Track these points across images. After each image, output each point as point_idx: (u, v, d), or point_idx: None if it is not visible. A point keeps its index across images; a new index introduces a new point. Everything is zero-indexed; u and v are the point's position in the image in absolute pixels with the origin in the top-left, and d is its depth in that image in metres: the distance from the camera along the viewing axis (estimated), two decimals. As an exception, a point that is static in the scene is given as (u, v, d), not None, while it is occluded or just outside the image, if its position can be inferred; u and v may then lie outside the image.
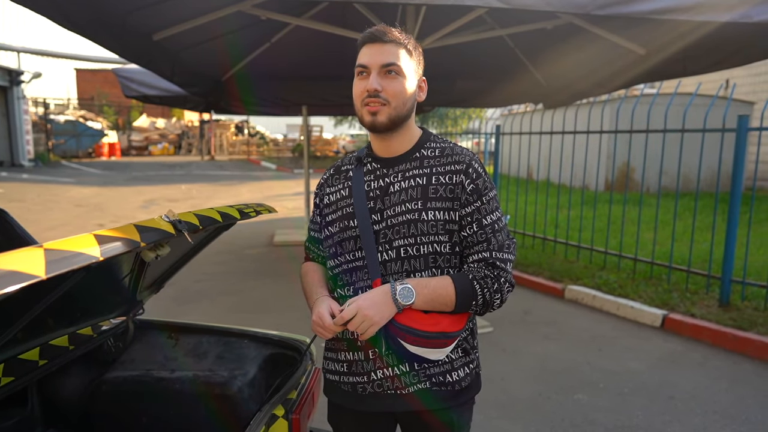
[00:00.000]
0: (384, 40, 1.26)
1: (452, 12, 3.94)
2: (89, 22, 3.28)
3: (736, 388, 3.23)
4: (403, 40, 1.28)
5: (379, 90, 1.24)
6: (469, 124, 24.09)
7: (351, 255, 1.31)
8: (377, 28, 1.28)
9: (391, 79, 1.26)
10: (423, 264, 1.27)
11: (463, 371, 1.33)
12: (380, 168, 1.34)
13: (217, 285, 5.38)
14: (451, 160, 1.32)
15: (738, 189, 4.18)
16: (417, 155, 1.34)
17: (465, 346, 1.34)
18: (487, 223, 1.29)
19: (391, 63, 1.25)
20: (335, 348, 1.38)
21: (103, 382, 1.82)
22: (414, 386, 1.28)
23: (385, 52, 1.26)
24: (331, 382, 1.40)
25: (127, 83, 5.84)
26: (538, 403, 3.06)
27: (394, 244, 1.27)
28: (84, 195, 12.10)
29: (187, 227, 1.21)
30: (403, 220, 1.27)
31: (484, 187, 1.30)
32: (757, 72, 11.48)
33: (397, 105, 1.27)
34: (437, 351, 1.24)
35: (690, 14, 2.63)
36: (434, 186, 1.29)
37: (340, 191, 1.38)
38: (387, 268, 1.27)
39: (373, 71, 1.25)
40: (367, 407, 1.33)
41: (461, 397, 1.34)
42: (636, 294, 4.71)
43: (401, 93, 1.27)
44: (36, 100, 22.47)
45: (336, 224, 1.35)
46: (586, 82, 5.40)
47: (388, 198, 1.30)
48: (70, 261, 0.84)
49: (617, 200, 8.17)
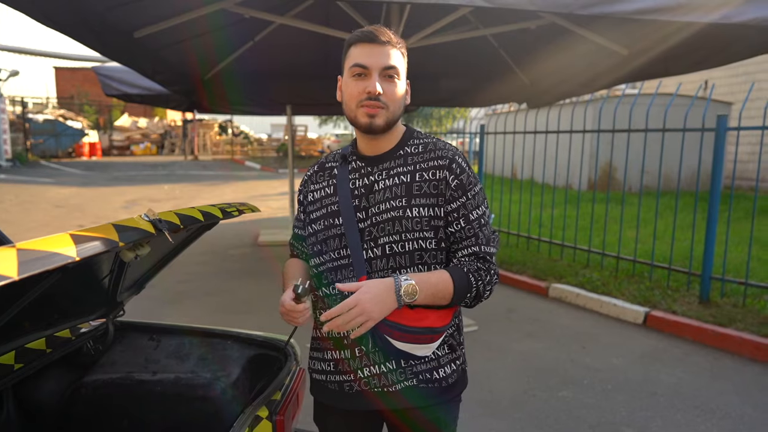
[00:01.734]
0: (382, 41, 1.25)
1: (436, 11, 3.95)
2: (68, 19, 3.21)
3: (717, 384, 3.28)
4: (397, 42, 1.28)
5: (380, 93, 1.24)
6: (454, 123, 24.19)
7: (336, 253, 1.30)
8: (374, 28, 1.27)
9: (391, 83, 1.26)
10: (408, 261, 1.27)
11: (450, 368, 1.33)
12: (365, 166, 1.34)
13: (202, 285, 5.32)
14: (434, 156, 1.32)
15: (717, 188, 4.25)
16: (401, 152, 1.34)
17: (451, 342, 1.34)
18: (473, 218, 1.30)
19: (392, 66, 1.25)
20: (321, 347, 1.37)
21: (82, 385, 1.78)
22: (401, 384, 1.28)
23: (385, 54, 1.25)
24: (318, 382, 1.39)
25: (107, 82, 5.75)
26: (523, 400, 3.08)
27: (380, 242, 1.27)
28: (64, 195, 11.88)
29: (168, 226, 1.19)
30: (387, 218, 1.27)
31: (469, 182, 1.30)
32: (735, 73, 11.71)
33: (395, 109, 1.28)
34: (424, 347, 1.24)
35: (672, 15, 2.66)
36: (418, 183, 1.29)
37: (325, 189, 1.37)
38: (372, 266, 1.27)
39: (375, 73, 1.24)
40: (355, 406, 1.33)
41: (448, 394, 1.34)
42: (618, 292, 4.77)
43: (399, 97, 1.28)
44: (13, 99, 22.03)
45: (320, 222, 1.34)
46: (570, 83, 5.45)
47: (373, 196, 1.30)
48: (44, 261, 0.82)
49: (600, 199, 8.27)
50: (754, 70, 11.18)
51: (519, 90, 6.03)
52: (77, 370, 1.81)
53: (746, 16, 2.56)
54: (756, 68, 11.09)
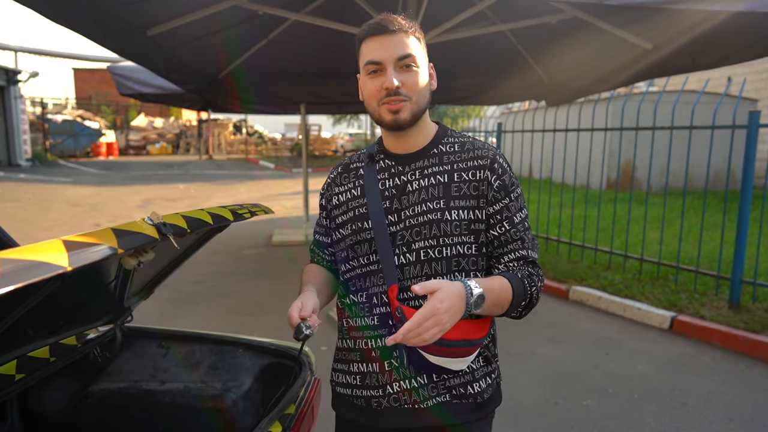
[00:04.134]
0: (391, 30, 1.14)
1: (454, 6, 3.84)
2: (80, 17, 3.18)
3: (750, 394, 3.12)
4: (409, 27, 1.17)
5: (399, 86, 1.14)
6: (468, 122, 23.99)
7: (365, 259, 1.22)
8: (380, 18, 1.17)
9: (409, 72, 1.15)
10: (446, 267, 1.17)
11: (485, 382, 1.23)
12: (395, 165, 1.24)
13: (215, 286, 5.27)
14: (474, 155, 1.22)
15: (749, 186, 4.08)
16: (435, 151, 1.24)
17: (486, 354, 1.24)
18: (518, 220, 1.21)
19: (407, 55, 1.15)
20: (346, 359, 1.28)
21: (88, 394, 1.71)
22: (433, 399, 1.19)
23: (397, 43, 1.14)
24: (342, 396, 1.29)
25: (122, 81, 5.73)
26: (545, 408, 2.96)
27: (414, 247, 1.18)
28: (81, 195, 11.98)
29: (173, 230, 1.10)
30: (424, 221, 1.18)
31: (511, 183, 1.21)
32: (759, 69, 11.37)
33: (419, 99, 1.17)
34: (459, 360, 1.14)
35: (702, 4, 2.53)
36: (457, 183, 1.20)
37: (351, 191, 1.28)
38: (405, 273, 1.18)
39: (389, 66, 1.14)
40: (383, 423, 1.23)
41: (482, 411, 1.24)
42: (642, 295, 4.61)
43: (421, 87, 1.17)
44: (33, 100, 22.39)
45: (347, 226, 1.25)
46: (588, 78, 5.30)
47: (406, 197, 1.20)
48: (30, 272, 0.73)
49: (621, 199, 8.07)
50: (779, 65, 10.85)
51: (536, 86, 5.89)
52: (84, 378, 1.75)
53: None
54: (781, 64, 10.75)
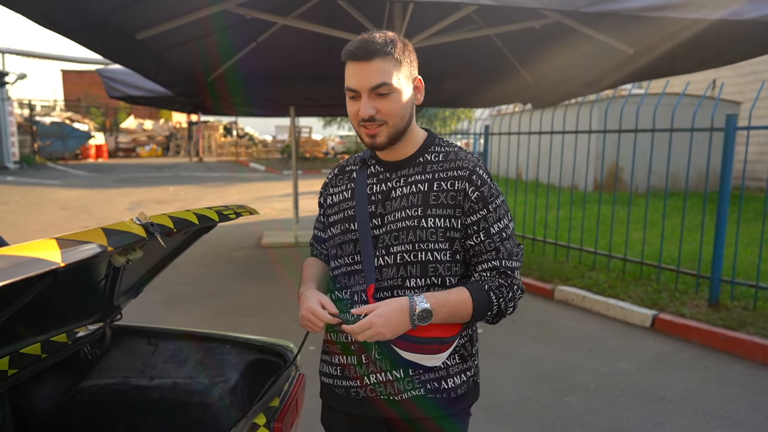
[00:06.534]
0: (368, 57, 1.16)
1: (440, 10, 3.91)
2: (69, 21, 3.20)
3: (727, 389, 3.22)
4: (388, 48, 1.18)
5: (373, 114, 1.19)
6: (458, 124, 24.12)
7: (350, 258, 1.30)
8: (359, 43, 1.18)
9: (384, 99, 1.19)
10: (420, 271, 1.24)
11: (459, 378, 1.29)
12: (383, 172, 1.31)
13: (205, 288, 5.30)
14: (454, 166, 1.27)
15: (726, 188, 4.18)
16: (420, 160, 1.30)
17: (462, 353, 1.30)
18: (494, 231, 1.25)
19: (380, 84, 1.17)
20: (330, 351, 1.36)
21: (78, 390, 1.75)
22: (408, 392, 1.26)
23: (372, 72, 1.16)
24: (326, 385, 1.39)
25: (111, 84, 5.75)
26: (528, 405, 3.03)
27: (392, 250, 1.25)
28: (70, 197, 11.92)
29: (160, 230, 1.16)
30: (402, 227, 1.24)
31: (490, 195, 1.26)
32: (743, 72, 11.58)
33: (395, 122, 1.22)
34: (432, 357, 1.22)
35: (681, 12, 2.61)
36: (435, 192, 1.25)
37: (343, 192, 1.36)
38: (382, 274, 1.25)
39: (364, 95, 1.18)
40: (361, 411, 1.31)
41: (456, 406, 1.30)
42: (626, 294, 4.70)
43: (397, 110, 1.21)
44: (21, 102, 22.19)
45: (338, 226, 1.33)
46: (574, 82, 5.40)
47: (390, 203, 1.27)
48: (26, 268, 0.78)
49: (606, 200, 8.19)
50: (762, 69, 11.05)
51: (523, 90, 5.99)
52: (74, 375, 1.79)
53: (757, 13, 2.50)
54: (764, 67, 10.95)
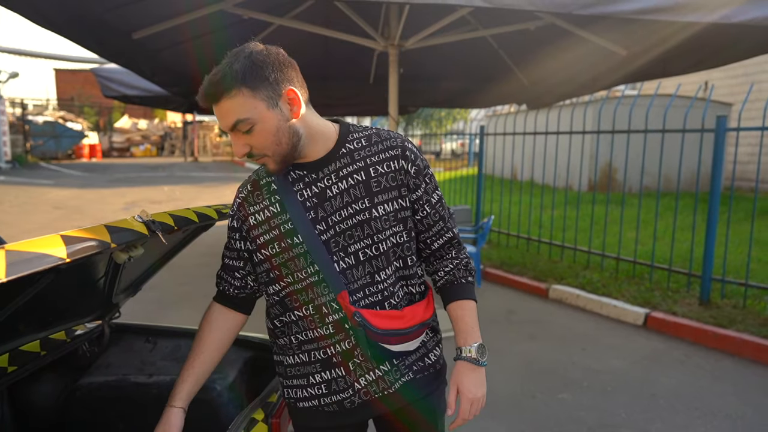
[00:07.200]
0: (215, 100, 1.11)
1: (436, 12, 3.94)
2: (66, 20, 3.21)
3: (717, 385, 3.27)
4: (230, 84, 1.08)
5: (246, 151, 1.14)
6: (454, 125, 24.20)
7: (303, 272, 1.20)
8: (203, 86, 1.11)
9: (249, 135, 1.12)
10: (385, 261, 1.22)
11: (437, 350, 1.36)
12: (307, 173, 1.21)
13: (201, 287, 5.30)
14: (384, 147, 1.24)
15: (717, 189, 4.24)
16: (344, 150, 1.22)
17: (433, 325, 1.36)
18: (435, 200, 1.29)
19: (236, 122, 1.10)
20: (303, 373, 1.27)
21: (77, 388, 1.76)
22: (399, 381, 1.27)
23: (223, 113, 1.11)
24: (308, 409, 1.29)
25: (106, 83, 5.74)
26: (522, 402, 3.07)
27: (350, 250, 1.19)
28: (63, 197, 11.87)
29: (161, 228, 1.18)
30: (353, 223, 1.19)
31: (425, 166, 1.27)
32: (734, 74, 11.69)
33: (275, 149, 1.14)
34: (416, 341, 1.26)
35: (672, 15, 2.65)
36: (375, 178, 1.21)
37: (269, 208, 1.23)
38: (348, 276, 1.19)
39: (230, 135, 1.15)
40: (359, 418, 1.29)
41: (440, 378, 1.36)
42: (619, 293, 4.75)
43: (269, 140, 1.13)
44: (13, 101, 22.02)
45: (273, 245, 1.22)
46: (569, 84, 5.45)
47: (329, 203, 1.19)
48: (33, 263, 0.81)
49: (600, 200, 8.26)
50: (753, 71, 11.16)
51: (519, 91, 6.03)
52: (73, 373, 1.80)
53: (746, 16, 2.55)
54: (756, 69, 11.07)
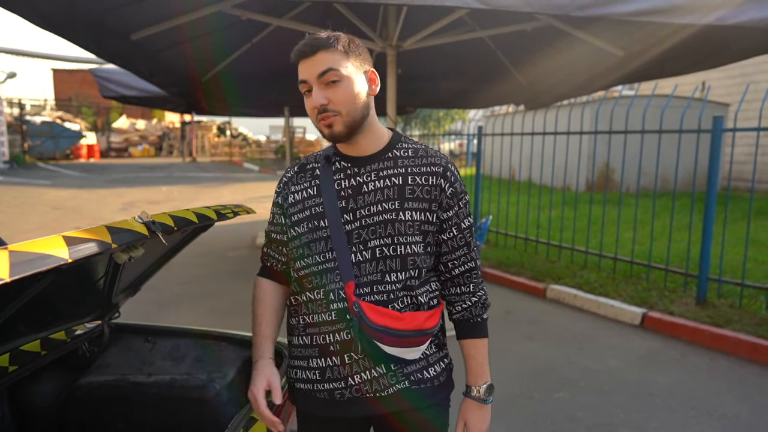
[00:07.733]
0: (312, 52, 1.19)
1: (433, 13, 3.96)
2: (65, 21, 3.22)
3: (713, 384, 3.29)
4: (331, 41, 1.20)
5: (325, 103, 1.19)
6: (452, 125, 24.21)
7: (321, 256, 1.25)
8: (303, 41, 1.22)
9: (333, 88, 1.20)
10: (400, 264, 1.25)
11: (439, 366, 1.34)
12: (351, 167, 1.29)
13: (200, 288, 5.31)
14: (428, 162, 1.31)
15: (714, 189, 4.26)
16: (390, 155, 1.30)
17: (438, 341, 1.35)
18: (465, 226, 1.32)
19: (327, 70, 1.18)
20: (304, 355, 1.31)
21: (77, 387, 1.78)
22: (393, 387, 1.26)
23: (317, 61, 1.19)
24: (303, 391, 1.33)
25: (104, 83, 5.76)
26: (519, 402, 3.08)
27: (369, 245, 1.24)
28: (61, 197, 11.86)
29: (161, 228, 1.19)
30: (379, 220, 1.24)
31: (461, 191, 1.32)
32: (731, 75, 11.73)
33: (350, 110, 1.21)
34: (414, 350, 1.25)
35: (668, 17, 2.67)
36: (411, 186, 1.27)
37: (307, 190, 1.32)
38: (361, 270, 1.23)
39: (314, 85, 1.20)
40: (347, 413, 1.29)
41: (439, 394, 1.33)
42: (616, 293, 4.77)
43: (349, 98, 1.21)
44: (11, 101, 21.98)
45: (303, 224, 1.29)
46: (566, 84, 5.47)
47: (362, 197, 1.26)
48: (36, 263, 0.82)
49: (597, 200, 8.28)
50: (750, 71, 11.20)
51: (516, 91, 6.04)
52: (72, 372, 1.81)
53: (742, 18, 2.57)
54: (753, 69, 11.11)
